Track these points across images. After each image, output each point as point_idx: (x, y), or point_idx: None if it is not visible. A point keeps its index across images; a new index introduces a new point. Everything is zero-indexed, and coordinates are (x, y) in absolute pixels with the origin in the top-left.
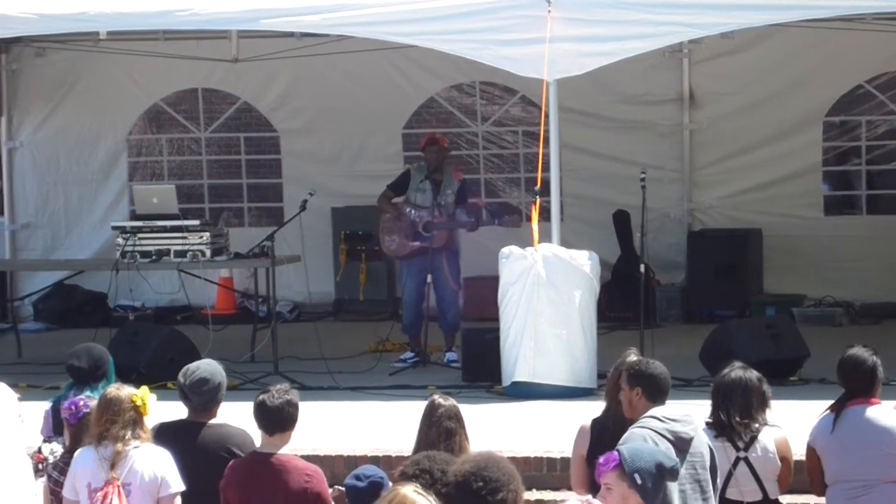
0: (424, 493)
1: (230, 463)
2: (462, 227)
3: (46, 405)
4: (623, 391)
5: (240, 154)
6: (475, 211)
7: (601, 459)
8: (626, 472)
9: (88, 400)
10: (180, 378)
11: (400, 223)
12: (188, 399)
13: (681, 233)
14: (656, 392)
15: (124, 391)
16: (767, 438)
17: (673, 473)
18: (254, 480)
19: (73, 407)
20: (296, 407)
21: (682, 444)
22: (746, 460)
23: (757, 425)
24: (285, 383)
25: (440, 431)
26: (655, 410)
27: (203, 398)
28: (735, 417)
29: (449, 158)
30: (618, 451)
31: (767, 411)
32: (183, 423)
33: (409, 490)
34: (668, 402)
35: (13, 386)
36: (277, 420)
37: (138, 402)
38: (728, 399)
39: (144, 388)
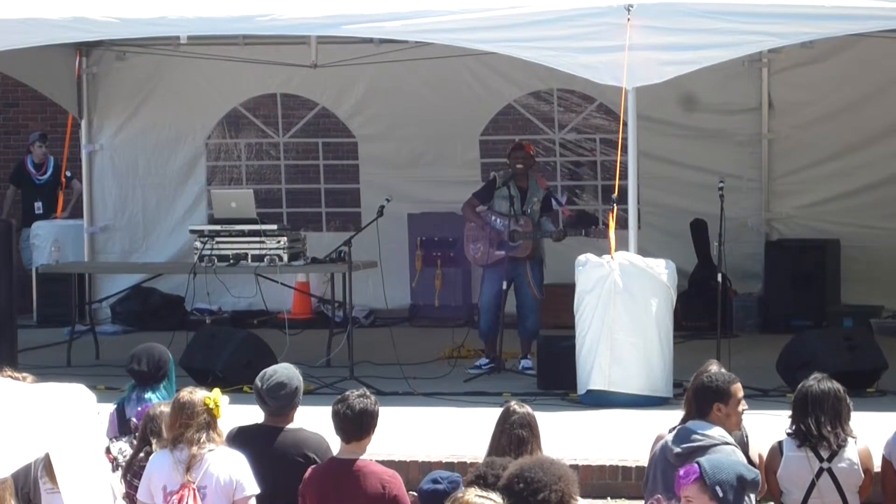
0: (486, 494)
1: (309, 469)
2: (548, 237)
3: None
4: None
5: (318, 159)
6: (566, 220)
7: (681, 472)
8: (707, 485)
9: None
10: (257, 382)
11: (484, 231)
12: (265, 403)
13: (758, 242)
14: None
15: (197, 395)
16: (851, 450)
17: (754, 485)
18: (332, 486)
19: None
20: (372, 415)
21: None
22: (830, 471)
23: (846, 435)
24: (363, 389)
25: (511, 439)
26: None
27: (280, 402)
28: (826, 427)
29: (536, 166)
30: (698, 463)
31: (850, 423)
32: (260, 428)
33: (472, 495)
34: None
35: (91, 388)
36: (354, 429)
37: (211, 406)
38: (819, 408)
39: (217, 391)
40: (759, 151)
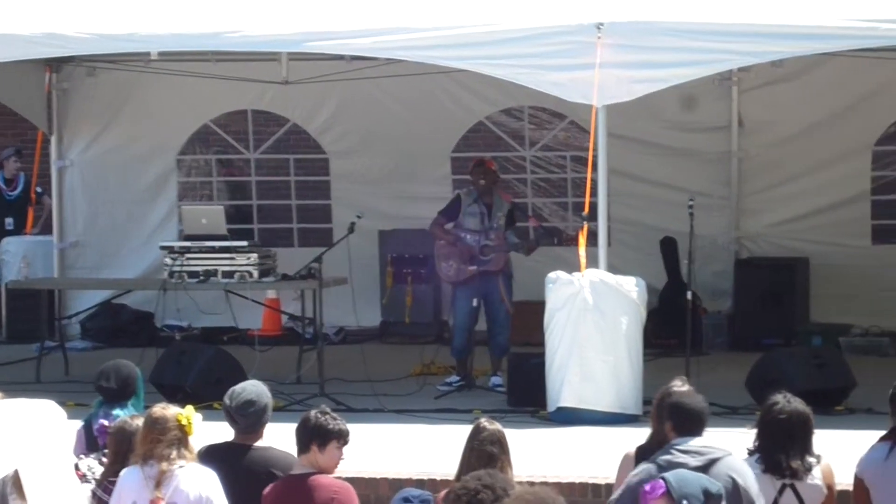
0: None
1: (267, 487)
2: (516, 250)
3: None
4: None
5: (289, 175)
6: (534, 232)
7: (647, 487)
8: (674, 499)
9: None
10: (226, 400)
11: (456, 249)
12: (235, 421)
13: (728, 260)
14: (684, 423)
15: (170, 411)
16: (814, 467)
17: (718, 499)
18: (284, 501)
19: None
20: (311, 427)
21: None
22: (793, 487)
23: (813, 460)
24: (324, 406)
25: (482, 455)
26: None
27: (249, 420)
28: (796, 460)
29: (500, 182)
30: (663, 478)
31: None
32: (229, 446)
33: None
34: (712, 429)
35: (61, 404)
36: (297, 440)
37: (183, 422)
38: (788, 441)
39: (190, 408)
40: (729, 169)
